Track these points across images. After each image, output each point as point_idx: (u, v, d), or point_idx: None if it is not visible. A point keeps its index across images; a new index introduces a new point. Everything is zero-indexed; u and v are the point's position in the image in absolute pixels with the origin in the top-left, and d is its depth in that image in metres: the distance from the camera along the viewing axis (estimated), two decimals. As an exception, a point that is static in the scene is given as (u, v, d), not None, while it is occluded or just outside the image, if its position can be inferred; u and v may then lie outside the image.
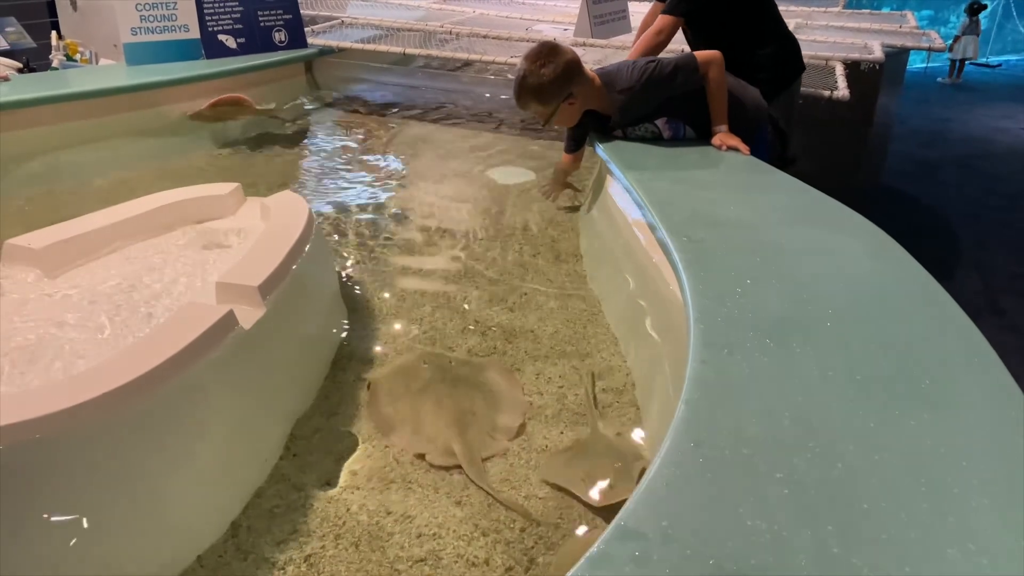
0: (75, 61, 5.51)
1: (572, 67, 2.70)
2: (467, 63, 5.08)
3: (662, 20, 3.19)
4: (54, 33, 5.62)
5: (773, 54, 3.22)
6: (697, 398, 1.27)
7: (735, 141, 2.72)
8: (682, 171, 2.60)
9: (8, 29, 5.79)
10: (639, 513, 1.03)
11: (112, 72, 4.66)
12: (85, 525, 1.35)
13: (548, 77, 2.66)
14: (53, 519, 1.32)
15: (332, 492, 1.68)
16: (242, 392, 1.69)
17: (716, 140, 2.76)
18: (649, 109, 2.84)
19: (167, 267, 2.02)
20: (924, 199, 6.25)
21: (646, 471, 1.11)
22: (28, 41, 5.83)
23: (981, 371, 1.39)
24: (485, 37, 4.87)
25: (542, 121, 2.83)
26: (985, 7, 14.66)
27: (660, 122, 2.86)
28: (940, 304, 1.64)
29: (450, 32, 4.97)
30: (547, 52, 2.69)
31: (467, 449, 1.76)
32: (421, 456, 1.77)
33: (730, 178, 2.57)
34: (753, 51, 2.76)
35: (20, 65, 5.07)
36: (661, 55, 3.12)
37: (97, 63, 5.72)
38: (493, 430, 1.86)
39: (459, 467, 1.73)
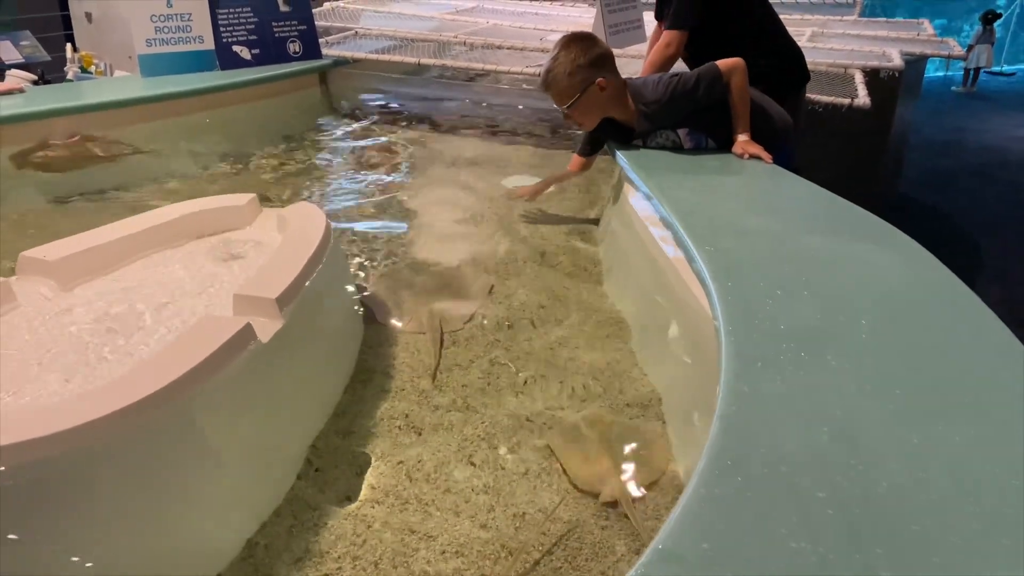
0: (90, 73, 5.52)
1: (607, 55, 2.71)
2: (481, 73, 5.06)
3: (669, 35, 3.18)
4: (69, 46, 5.64)
5: (775, 64, 3.18)
6: (732, 414, 1.23)
7: (757, 149, 2.68)
8: (705, 179, 2.56)
9: (23, 42, 5.83)
10: (678, 535, 0.98)
11: (127, 83, 4.66)
12: (99, 544, 1.32)
13: (583, 55, 2.65)
14: (67, 538, 1.28)
15: (351, 509, 1.64)
16: (259, 406, 1.65)
17: (738, 148, 2.72)
18: (673, 121, 2.81)
19: (184, 279, 1.99)
20: (942, 209, 6.20)
21: (683, 491, 1.07)
22: (42, 54, 5.87)
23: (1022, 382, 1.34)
24: (499, 47, 4.85)
25: (566, 104, 2.71)
26: (1000, 16, 14.62)
27: (682, 132, 2.82)
28: (976, 314, 1.60)
29: (464, 42, 4.96)
30: (584, 35, 2.72)
31: None
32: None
33: (754, 186, 2.53)
34: (755, 62, 2.74)
35: (35, 77, 5.09)
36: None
37: (112, 75, 5.73)
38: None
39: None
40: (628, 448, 1.79)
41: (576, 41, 2.68)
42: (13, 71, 5.24)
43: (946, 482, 1.08)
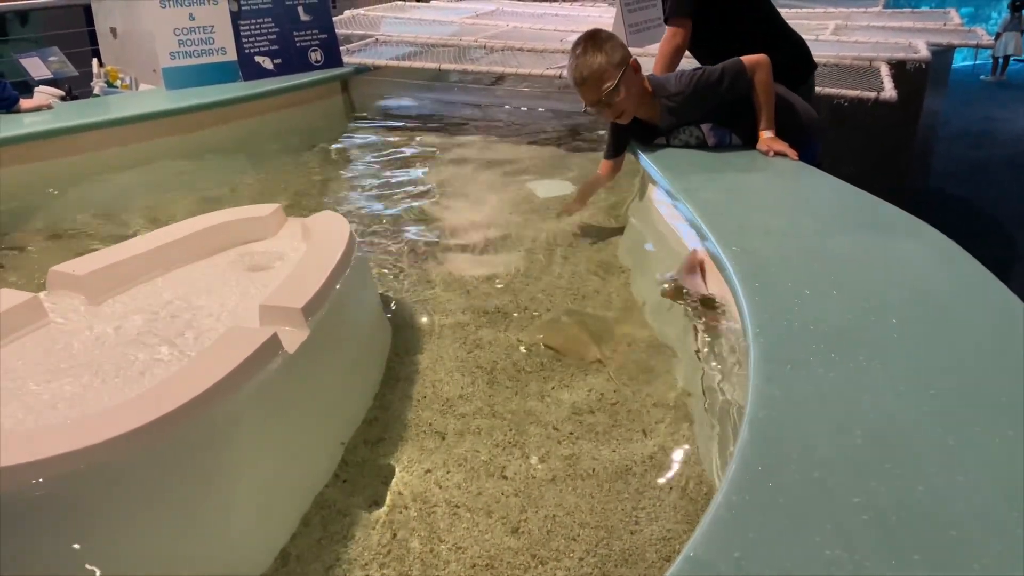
0: (116, 87, 5.59)
1: (625, 46, 2.69)
2: (502, 77, 5.06)
3: (672, 26, 3.17)
4: (95, 61, 5.72)
5: (784, 57, 3.12)
6: (762, 417, 1.21)
7: (782, 146, 2.64)
8: (730, 178, 2.53)
9: (51, 59, 5.92)
10: (709, 543, 0.96)
11: (152, 97, 4.72)
12: (133, 557, 1.33)
13: (610, 40, 2.65)
14: (99, 551, 1.30)
15: (380, 517, 1.63)
16: (288, 416, 1.66)
17: (763, 145, 2.68)
18: (697, 115, 2.78)
19: (210, 290, 2.00)
20: (975, 201, 6.09)
21: (713, 497, 1.05)
22: (70, 69, 5.96)
23: (1063, 382, 1.30)
24: (519, 50, 4.85)
25: (608, 89, 2.62)
26: (1028, 2, 14.33)
27: (705, 127, 2.79)
28: (1012, 312, 1.56)
29: (484, 46, 4.96)
30: (597, 31, 2.71)
31: None
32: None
33: (780, 184, 2.50)
34: (767, 54, 2.70)
35: (63, 93, 5.16)
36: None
37: (137, 88, 5.80)
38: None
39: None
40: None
41: (594, 35, 2.67)
42: (41, 87, 5.33)
43: (985, 485, 1.05)
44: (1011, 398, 1.25)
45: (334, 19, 5.34)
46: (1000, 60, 13.72)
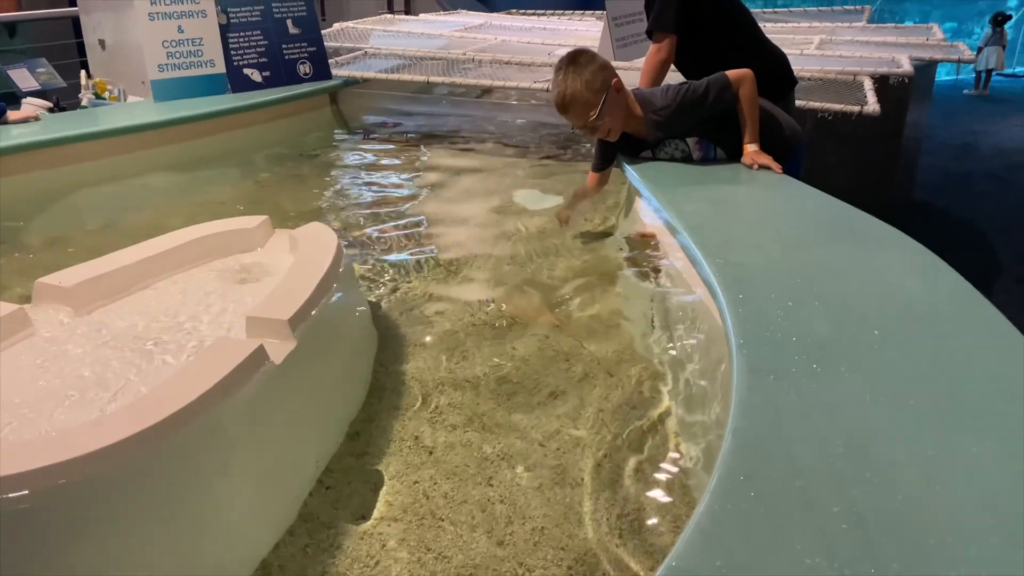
0: (104, 99, 5.59)
1: (608, 64, 2.70)
2: (490, 89, 5.09)
3: (656, 41, 3.21)
4: (83, 72, 5.71)
5: (765, 71, 3.14)
6: (745, 427, 1.22)
7: (766, 159, 2.67)
8: (714, 191, 2.55)
9: (39, 70, 5.91)
10: (691, 553, 0.97)
11: (140, 108, 4.71)
12: (116, 568, 1.32)
13: (591, 64, 2.64)
14: (80, 563, 1.29)
15: (365, 529, 1.64)
16: (273, 428, 1.66)
17: (747, 159, 2.71)
18: (683, 129, 2.81)
19: (197, 302, 2.01)
20: (958, 213, 6.15)
21: (696, 507, 1.06)
22: (59, 81, 5.94)
23: (1041, 393, 1.32)
24: (507, 63, 4.88)
25: (591, 116, 2.66)
26: (1010, 17, 14.54)
27: (691, 141, 2.82)
28: (991, 323, 1.58)
29: (472, 59, 4.99)
30: (581, 50, 2.72)
31: None
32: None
33: (764, 197, 2.52)
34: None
35: (51, 104, 5.15)
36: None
37: (126, 100, 5.80)
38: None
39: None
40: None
41: (576, 57, 2.67)
42: (29, 99, 5.31)
43: (964, 494, 1.07)
44: (988, 409, 1.27)
45: (323, 32, 5.36)
46: (983, 74, 13.87)
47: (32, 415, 1.50)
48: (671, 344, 2.21)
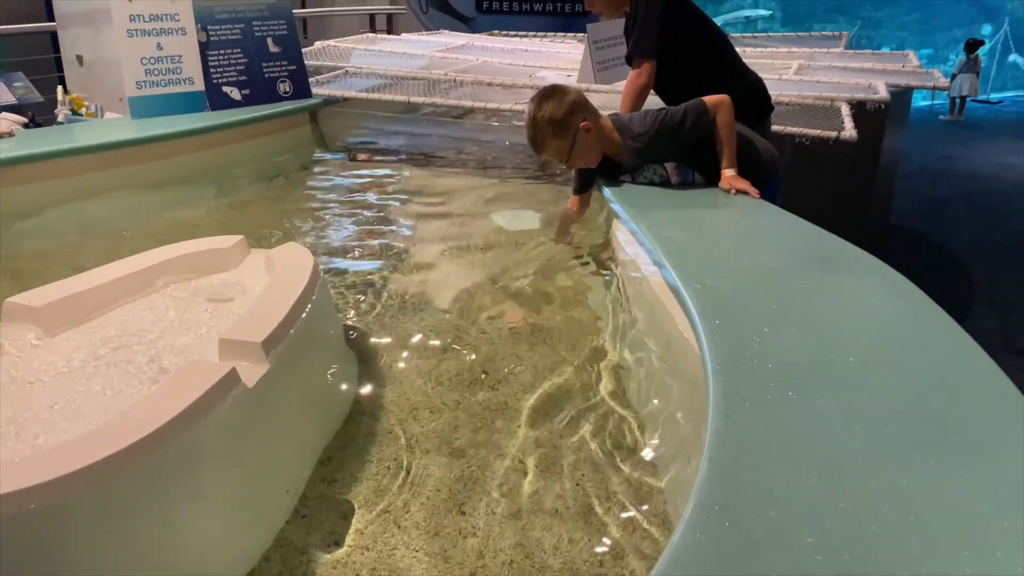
0: (81, 115, 5.53)
1: (579, 99, 2.74)
2: (471, 110, 5.09)
3: (636, 66, 3.23)
4: (60, 88, 5.65)
5: (736, 97, 3.17)
6: (720, 456, 1.21)
7: (744, 184, 2.69)
8: (692, 216, 2.56)
9: (16, 84, 5.85)
10: (665, 584, 0.96)
11: (117, 125, 4.67)
12: (82, 598, 1.29)
13: (559, 108, 2.68)
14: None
15: (338, 558, 1.61)
16: (246, 452, 1.64)
17: (724, 183, 2.72)
18: (661, 154, 2.83)
19: (170, 323, 1.98)
20: (933, 237, 6.22)
21: (671, 537, 1.05)
22: (36, 96, 5.88)
23: (1013, 419, 1.32)
24: (489, 84, 4.89)
25: (564, 158, 2.79)
26: (982, 43, 14.79)
27: (670, 166, 2.84)
28: (963, 348, 1.59)
29: (454, 80, 4.99)
30: (551, 89, 2.76)
31: None
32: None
33: (741, 222, 2.54)
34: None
35: (25, 120, 5.09)
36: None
37: (103, 116, 5.75)
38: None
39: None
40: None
41: (546, 98, 2.71)
42: (3, 114, 5.25)
43: (938, 524, 1.07)
44: (962, 437, 1.27)
45: (304, 50, 5.35)
46: (957, 100, 14.09)
47: (-3, 439, 1.47)
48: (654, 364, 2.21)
